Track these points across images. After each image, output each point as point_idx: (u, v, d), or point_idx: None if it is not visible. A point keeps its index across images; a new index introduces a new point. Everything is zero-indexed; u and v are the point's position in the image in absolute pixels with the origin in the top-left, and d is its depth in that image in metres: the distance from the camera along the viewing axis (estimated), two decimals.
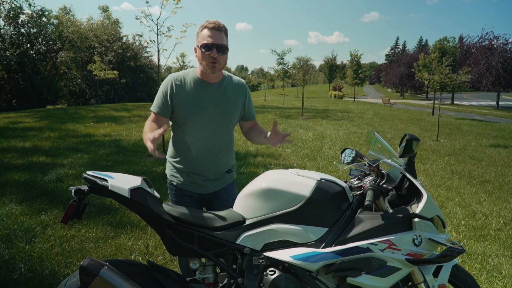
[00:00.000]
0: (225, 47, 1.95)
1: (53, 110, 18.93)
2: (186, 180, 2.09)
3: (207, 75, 2.03)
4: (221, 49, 1.93)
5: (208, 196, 2.15)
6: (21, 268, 2.82)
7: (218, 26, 1.94)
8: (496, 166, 7.72)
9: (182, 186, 2.11)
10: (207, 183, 2.10)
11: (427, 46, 73.20)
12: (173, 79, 2.05)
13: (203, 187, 2.10)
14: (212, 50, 1.91)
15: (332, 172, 6.38)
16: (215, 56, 1.92)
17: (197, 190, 2.11)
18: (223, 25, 1.97)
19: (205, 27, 1.95)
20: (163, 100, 2.02)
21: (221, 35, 1.95)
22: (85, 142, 8.45)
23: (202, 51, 1.94)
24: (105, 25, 35.64)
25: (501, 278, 3.02)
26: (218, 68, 1.97)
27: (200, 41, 1.95)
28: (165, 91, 2.03)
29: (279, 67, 22.83)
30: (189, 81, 2.05)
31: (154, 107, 2.04)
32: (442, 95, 19.32)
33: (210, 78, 2.04)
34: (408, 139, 1.67)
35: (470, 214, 4.63)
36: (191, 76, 2.06)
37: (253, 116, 2.26)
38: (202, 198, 2.14)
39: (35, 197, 4.47)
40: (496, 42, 32.49)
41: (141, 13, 6.89)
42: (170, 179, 2.16)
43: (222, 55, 1.95)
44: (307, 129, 12.61)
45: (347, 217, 1.68)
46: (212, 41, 1.91)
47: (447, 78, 11.51)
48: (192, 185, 2.10)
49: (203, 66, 1.97)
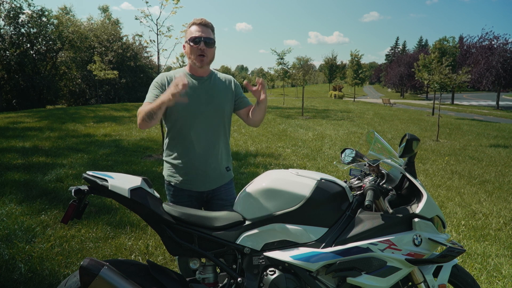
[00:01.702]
0: (212, 41, 2.05)
1: (53, 110, 18.93)
2: (184, 179, 2.10)
3: (196, 70, 2.11)
4: (208, 42, 2.03)
5: (207, 195, 2.15)
6: (21, 268, 2.82)
7: (205, 22, 2.06)
8: (496, 166, 7.72)
9: (181, 185, 2.11)
10: (206, 178, 2.10)
11: (427, 46, 73.22)
12: (164, 76, 2.12)
13: (201, 184, 2.11)
14: (200, 43, 2.01)
15: (332, 172, 6.38)
16: (203, 48, 2.02)
17: (195, 188, 2.11)
18: (209, 22, 2.08)
19: (193, 23, 2.06)
20: (158, 90, 2.05)
21: (208, 31, 2.06)
22: (85, 142, 8.45)
23: (190, 45, 2.03)
24: (105, 25, 35.63)
25: (501, 278, 3.02)
26: (206, 62, 2.06)
27: (189, 36, 2.04)
28: (159, 83, 2.08)
29: (279, 67, 22.83)
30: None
31: (150, 97, 2.04)
32: (442, 95, 19.32)
33: (199, 72, 2.12)
34: (408, 139, 1.67)
35: (470, 214, 4.63)
36: (181, 73, 2.12)
37: (247, 103, 2.25)
38: (201, 197, 2.14)
39: (35, 197, 4.47)
40: (496, 42, 32.52)
41: (141, 13, 6.88)
42: (168, 180, 2.16)
43: (209, 49, 2.05)
44: (307, 129, 12.61)
45: (347, 217, 1.68)
46: (200, 35, 2.01)
47: (446, 78, 11.51)
48: (191, 183, 2.10)
49: (192, 60, 2.06)
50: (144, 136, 9.62)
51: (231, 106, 2.20)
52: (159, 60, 7.31)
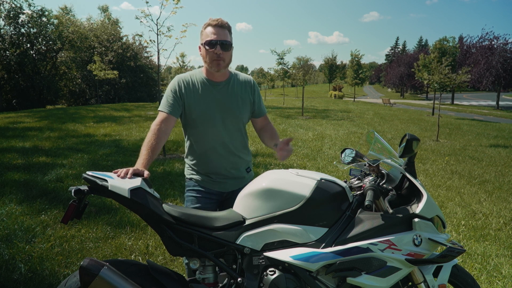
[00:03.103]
0: (229, 44, 1.94)
1: (53, 110, 18.94)
2: (205, 179, 2.10)
3: (213, 74, 2.01)
4: (225, 45, 1.92)
5: (227, 194, 2.15)
6: (21, 268, 2.82)
7: (221, 23, 1.93)
8: (496, 166, 7.71)
9: (202, 183, 2.11)
10: (228, 180, 2.11)
11: (427, 46, 73.15)
12: (180, 80, 2.03)
13: (222, 185, 2.11)
14: (216, 47, 1.90)
15: (332, 172, 6.38)
16: (219, 52, 1.91)
17: (216, 188, 2.12)
18: (226, 22, 1.95)
19: (208, 24, 1.94)
20: (173, 98, 1.99)
21: (225, 32, 1.93)
22: (85, 142, 8.45)
23: (206, 48, 1.93)
24: (105, 25, 35.63)
25: (501, 278, 3.02)
26: (223, 66, 1.96)
27: (204, 39, 1.94)
28: (174, 90, 2.00)
29: (279, 67, 22.85)
30: (196, 81, 2.04)
31: (163, 107, 1.99)
32: (442, 95, 19.31)
33: (216, 77, 2.03)
34: (408, 139, 1.67)
35: (470, 214, 4.63)
36: (197, 77, 2.05)
37: (263, 112, 2.22)
38: (221, 196, 2.14)
39: (35, 197, 4.47)
40: (496, 42, 32.52)
41: (141, 13, 6.89)
42: (189, 177, 2.16)
43: (226, 52, 1.94)
44: (307, 129, 12.61)
45: (347, 217, 1.68)
46: (216, 38, 1.90)
47: (446, 78, 11.51)
48: (212, 183, 2.11)
49: (208, 64, 1.96)
50: (144, 136, 9.57)
51: (249, 113, 2.15)
52: (159, 60, 7.31)
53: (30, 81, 28.54)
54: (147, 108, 18.62)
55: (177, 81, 2.03)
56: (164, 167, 6.22)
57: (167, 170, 6.07)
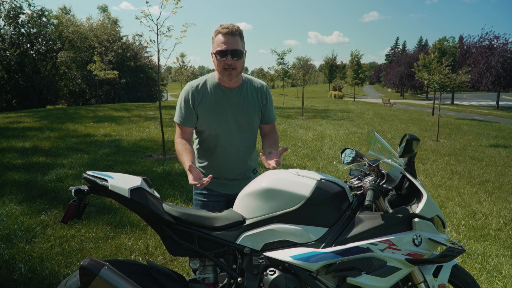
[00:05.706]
0: (240, 52, 1.89)
1: (53, 110, 18.94)
2: (214, 182, 2.10)
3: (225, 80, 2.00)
4: (236, 54, 1.88)
5: (234, 196, 2.15)
6: (21, 268, 2.82)
7: (231, 30, 1.87)
8: (496, 166, 7.71)
9: (210, 186, 2.12)
10: (235, 182, 2.14)
11: (427, 46, 73.13)
12: (192, 88, 2.02)
13: (230, 187, 2.14)
14: (227, 56, 1.87)
15: (332, 172, 6.38)
16: (230, 62, 1.88)
17: (224, 190, 2.14)
18: (237, 28, 1.90)
19: (218, 32, 1.89)
20: (186, 108, 2.00)
21: (235, 39, 1.88)
22: (85, 142, 8.45)
23: (217, 57, 1.90)
24: (105, 25, 35.61)
25: (501, 278, 3.02)
26: (235, 75, 1.94)
27: (215, 48, 1.90)
28: (187, 99, 2.00)
29: (279, 67, 22.86)
30: (208, 88, 2.03)
31: (178, 118, 2.01)
32: (442, 95, 19.32)
33: (228, 83, 2.01)
34: (408, 139, 1.67)
35: (470, 214, 4.63)
36: (209, 83, 2.04)
37: (272, 120, 2.21)
38: (228, 197, 2.16)
39: (35, 197, 4.47)
40: (496, 42, 32.52)
41: (141, 13, 6.88)
42: None
43: (237, 60, 1.90)
44: (307, 129, 12.61)
45: (347, 217, 1.68)
46: (226, 47, 1.86)
47: (446, 78, 11.51)
48: (219, 186, 2.13)
49: (220, 73, 1.95)
50: (144, 136, 9.61)
51: (259, 119, 2.15)
52: (159, 60, 7.31)
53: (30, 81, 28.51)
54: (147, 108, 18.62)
55: (189, 90, 2.02)
56: (164, 167, 6.22)
57: (167, 170, 6.07)
